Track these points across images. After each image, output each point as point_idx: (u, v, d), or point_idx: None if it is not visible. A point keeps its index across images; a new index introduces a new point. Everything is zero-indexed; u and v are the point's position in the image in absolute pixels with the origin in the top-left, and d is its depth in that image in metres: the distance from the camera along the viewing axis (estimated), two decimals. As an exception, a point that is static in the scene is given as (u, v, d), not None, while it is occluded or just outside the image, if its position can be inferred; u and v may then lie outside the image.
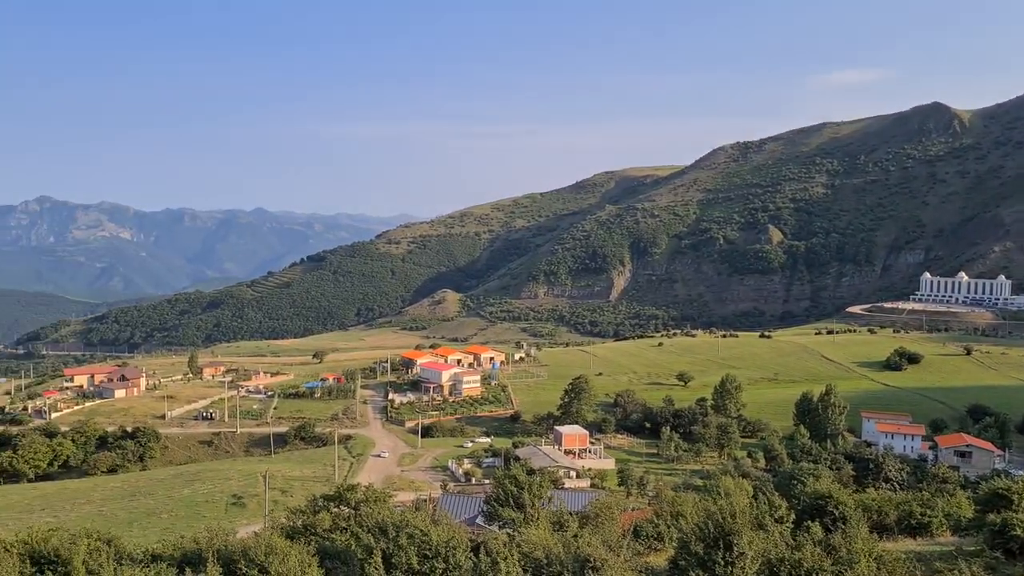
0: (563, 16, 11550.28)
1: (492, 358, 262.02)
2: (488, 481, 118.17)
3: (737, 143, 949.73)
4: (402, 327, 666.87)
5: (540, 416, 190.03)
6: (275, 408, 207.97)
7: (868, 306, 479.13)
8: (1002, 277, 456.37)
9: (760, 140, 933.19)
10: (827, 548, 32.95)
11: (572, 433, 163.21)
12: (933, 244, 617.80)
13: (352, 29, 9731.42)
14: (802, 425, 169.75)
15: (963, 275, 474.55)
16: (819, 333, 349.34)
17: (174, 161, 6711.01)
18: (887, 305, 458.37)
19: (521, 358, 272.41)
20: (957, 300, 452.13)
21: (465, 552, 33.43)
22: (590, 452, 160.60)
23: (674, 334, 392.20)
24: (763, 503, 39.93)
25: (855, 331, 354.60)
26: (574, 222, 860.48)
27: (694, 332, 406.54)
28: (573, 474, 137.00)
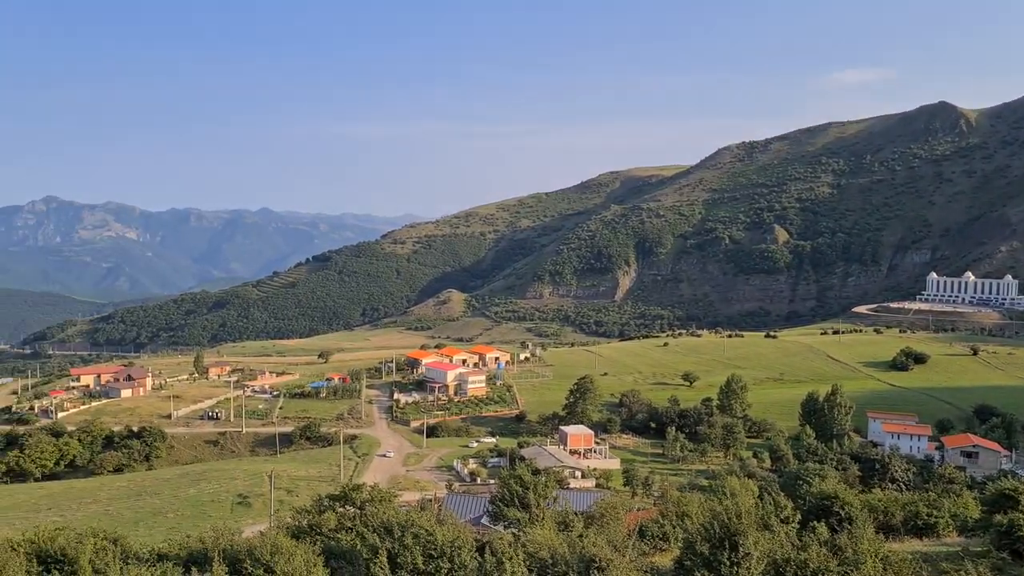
0: (566, 16, 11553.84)
1: (497, 358, 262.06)
2: (493, 481, 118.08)
3: (742, 143, 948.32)
4: (407, 327, 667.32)
5: (545, 416, 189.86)
6: (280, 408, 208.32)
7: (874, 306, 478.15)
8: (1009, 277, 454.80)
9: (766, 140, 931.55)
10: (833, 549, 32.91)
11: (577, 433, 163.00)
12: (939, 244, 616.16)
13: (357, 30, 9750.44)
14: (808, 425, 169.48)
15: (969, 275, 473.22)
16: (825, 333, 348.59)
17: (180, 161, 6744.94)
18: (893, 305, 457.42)
19: (526, 358, 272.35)
20: (963, 300, 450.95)
21: (470, 552, 33.47)
22: (595, 452, 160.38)
23: (679, 334, 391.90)
24: (769, 503, 39.92)
25: (861, 331, 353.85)
26: (579, 222, 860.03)
27: (699, 332, 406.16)
28: (578, 474, 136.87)
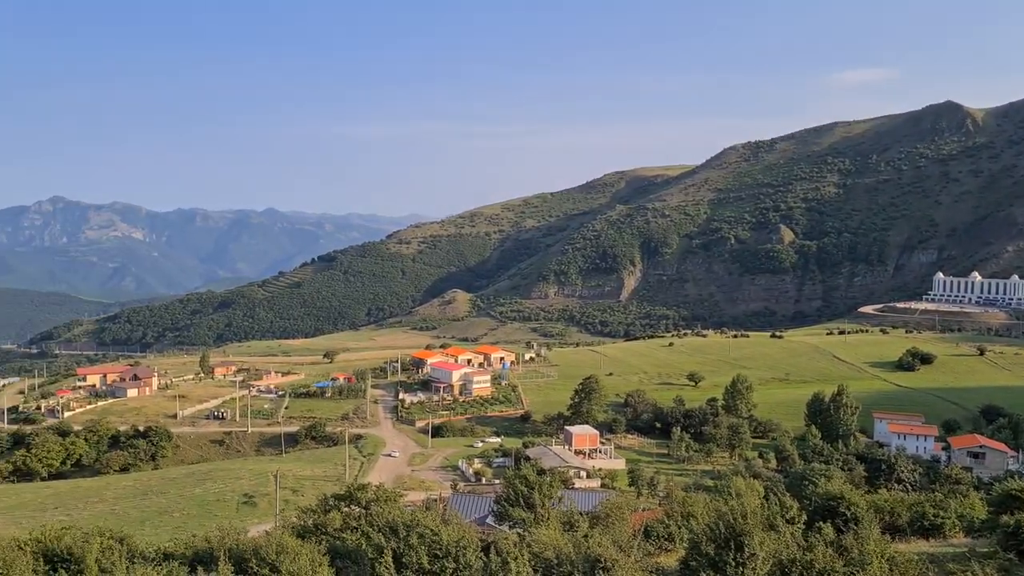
0: (570, 16, 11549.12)
1: (502, 358, 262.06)
2: (498, 481, 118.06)
3: (748, 142, 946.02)
4: (412, 327, 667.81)
5: (550, 416, 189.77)
6: (286, 408, 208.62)
7: (880, 306, 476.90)
8: (1015, 277, 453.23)
9: (771, 139, 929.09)
10: (839, 549, 32.85)
11: (582, 433, 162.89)
12: (946, 244, 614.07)
13: (362, 30, 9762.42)
14: (814, 426, 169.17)
15: (976, 275, 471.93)
16: (831, 333, 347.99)
17: (185, 162, 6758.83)
18: (899, 305, 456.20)
19: (531, 358, 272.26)
20: (970, 300, 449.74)
21: (475, 552, 33.47)
22: (600, 452, 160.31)
23: (685, 334, 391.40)
24: (774, 504, 39.83)
25: (867, 331, 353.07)
26: (584, 222, 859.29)
27: (705, 332, 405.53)
28: (583, 474, 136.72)
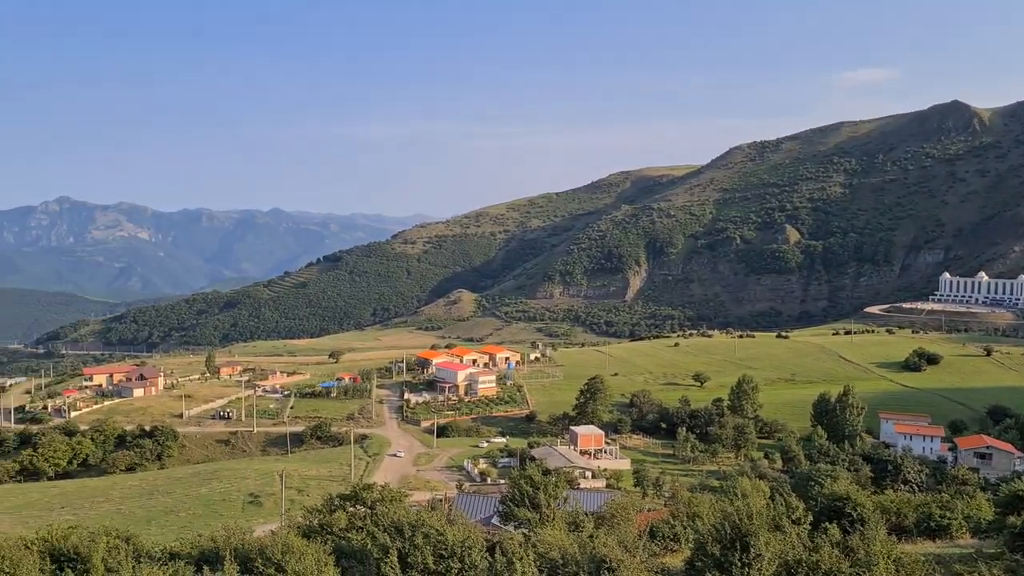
0: (575, 16, 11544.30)
1: (507, 358, 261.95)
2: (503, 481, 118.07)
3: (754, 142, 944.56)
4: (418, 327, 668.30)
5: (555, 416, 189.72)
6: (291, 407, 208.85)
7: (886, 306, 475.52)
8: (1022, 277, 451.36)
9: (777, 139, 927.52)
10: (845, 550, 32.75)
11: (588, 433, 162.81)
12: (952, 244, 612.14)
13: (367, 30, 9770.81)
14: (819, 426, 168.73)
15: (983, 275, 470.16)
16: (837, 333, 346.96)
17: (191, 162, 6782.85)
18: (906, 305, 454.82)
19: (536, 358, 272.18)
20: (977, 300, 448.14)
21: (481, 552, 33.46)
22: (606, 452, 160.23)
23: (690, 334, 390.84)
24: (780, 504, 39.73)
25: (873, 331, 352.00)
26: (590, 222, 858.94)
27: (710, 332, 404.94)
28: (589, 474, 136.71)
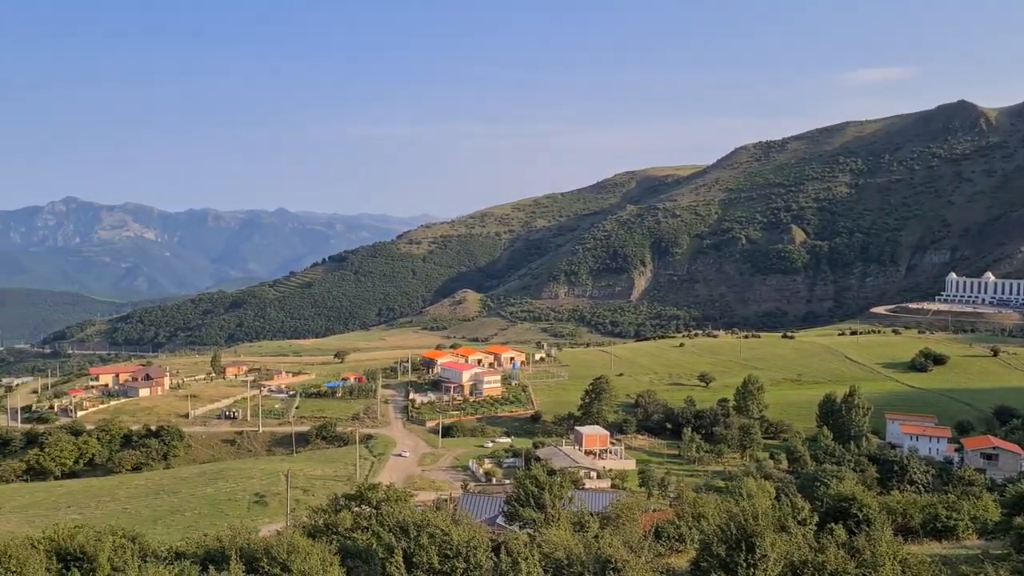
0: (581, 16, 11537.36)
1: (512, 358, 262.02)
2: (508, 481, 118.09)
3: (759, 142, 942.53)
4: (423, 327, 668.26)
5: (561, 416, 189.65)
6: (297, 407, 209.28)
7: (893, 307, 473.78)
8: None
9: (783, 139, 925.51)
10: (851, 551, 32.68)
11: (593, 433, 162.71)
12: (959, 244, 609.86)
13: (372, 30, 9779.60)
14: (825, 427, 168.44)
15: (990, 275, 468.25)
16: (843, 334, 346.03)
17: (197, 162, 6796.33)
18: (912, 306, 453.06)
19: (542, 358, 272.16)
20: (984, 301, 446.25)
21: (486, 552, 33.47)
22: (611, 453, 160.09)
23: (696, 334, 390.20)
24: (786, 505, 39.69)
25: (879, 332, 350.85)
26: (595, 222, 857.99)
27: (716, 332, 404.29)
28: (594, 475, 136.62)
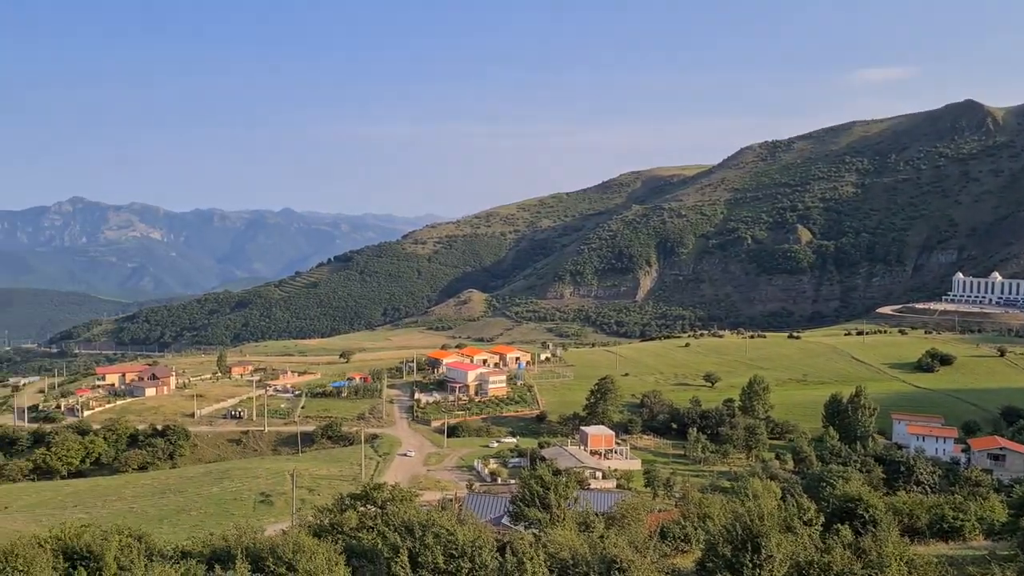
0: (586, 16, 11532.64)
1: (518, 358, 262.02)
2: (514, 481, 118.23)
3: (765, 142, 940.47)
4: (428, 327, 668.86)
5: (566, 416, 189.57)
6: (302, 407, 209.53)
7: (899, 307, 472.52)
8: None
9: (788, 139, 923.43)
10: (857, 551, 32.60)
11: (598, 433, 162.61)
12: (966, 244, 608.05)
13: (377, 30, 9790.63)
14: (831, 427, 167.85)
15: (997, 275, 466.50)
16: (849, 334, 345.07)
17: (203, 162, 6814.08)
18: (918, 306, 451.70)
19: (547, 358, 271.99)
20: (991, 301, 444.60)
21: (491, 552, 33.46)
22: (616, 453, 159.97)
23: (701, 334, 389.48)
24: (792, 505, 39.58)
25: (886, 332, 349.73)
26: (600, 222, 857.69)
27: (721, 332, 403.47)
28: (599, 475, 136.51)
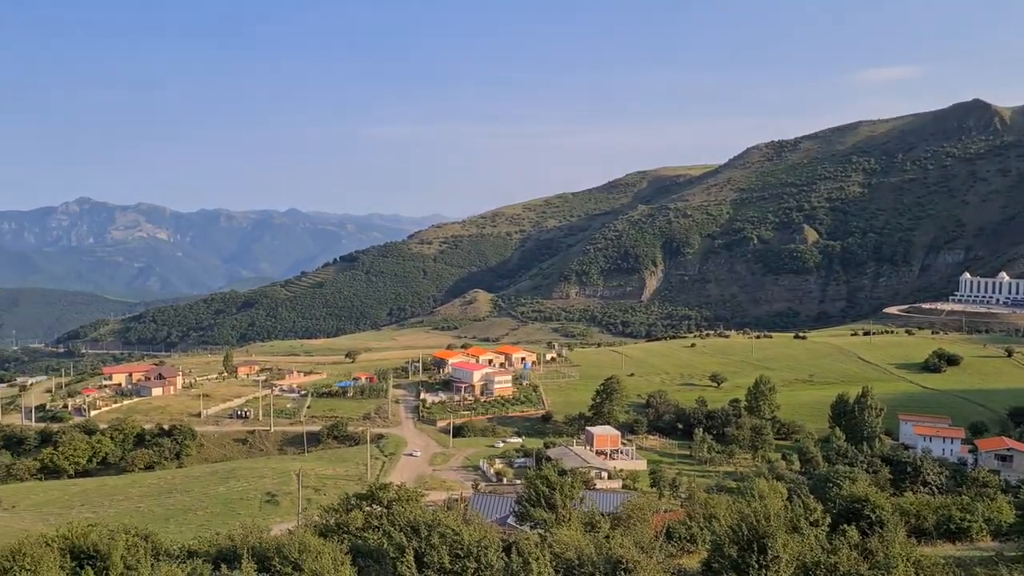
0: (591, 16, 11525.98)
1: (523, 358, 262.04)
2: (519, 481, 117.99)
3: (771, 142, 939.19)
4: (434, 327, 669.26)
5: (571, 416, 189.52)
6: (308, 407, 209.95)
7: (906, 307, 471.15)
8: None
9: (795, 139, 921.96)
10: (863, 552, 32.54)
11: (604, 434, 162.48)
12: (973, 244, 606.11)
13: (383, 30, 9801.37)
14: (838, 427, 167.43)
15: (1004, 275, 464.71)
16: (855, 334, 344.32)
17: (209, 162, 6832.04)
18: (925, 306, 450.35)
19: (552, 358, 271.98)
20: (998, 301, 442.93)
21: (497, 552, 33.45)
22: (622, 453, 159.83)
23: (707, 335, 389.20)
24: (798, 506, 39.52)
25: (892, 332, 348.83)
26: (606, 222, 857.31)
27: (727, 333, 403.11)
28: (605, 475, 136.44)
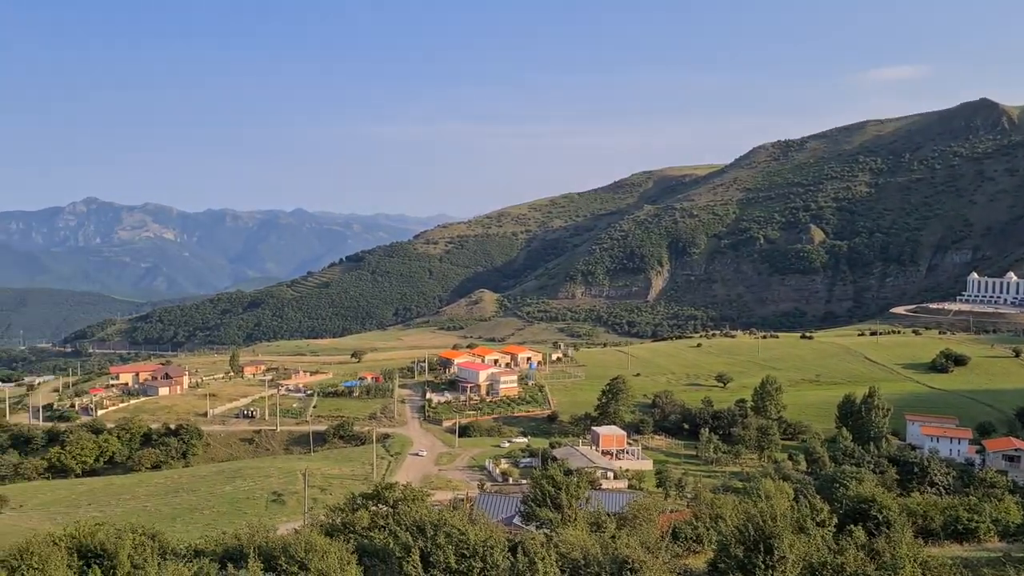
0: (595, 16, 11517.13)
1: (529, 358, 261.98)
2: (525, 481, 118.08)
3: (778, 142, 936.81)
4: (439, 327, 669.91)
5: (577, 416, 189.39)
6: (314, 407, 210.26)
7: (913, 307, 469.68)
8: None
9: (801, 139, 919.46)
10: (870, 553, 32.46)
11: (610, 434, 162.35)
12: (981, 243, 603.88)
13: (388, 30, 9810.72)
14: (844, 427, 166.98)
15: (1012, 275, 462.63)
16: (862, 334, 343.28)
17: (215, 163, 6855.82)
18: (932, 306, 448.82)
19: (558, 358, 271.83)
20: (1006, 301, 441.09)
21: (503, 552, 33.46)
22: (628, 453, 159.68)
23: (713, 335, 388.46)
24: (804, 506, 39.43)
25: (899, 332, 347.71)
26: (612, 222, 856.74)
27: (733, 333, 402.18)
28: (611, 475, 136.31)
